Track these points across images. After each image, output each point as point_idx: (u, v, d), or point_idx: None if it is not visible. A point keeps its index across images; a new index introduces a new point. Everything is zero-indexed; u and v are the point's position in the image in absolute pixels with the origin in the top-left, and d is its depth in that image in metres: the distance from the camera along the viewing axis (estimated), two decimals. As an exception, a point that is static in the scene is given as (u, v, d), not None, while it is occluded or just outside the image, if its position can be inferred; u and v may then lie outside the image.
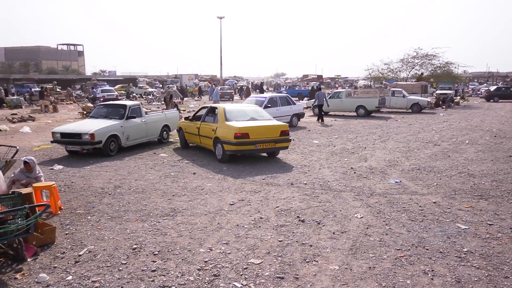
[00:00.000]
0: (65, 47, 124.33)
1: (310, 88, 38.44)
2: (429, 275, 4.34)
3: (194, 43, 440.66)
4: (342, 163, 10.05)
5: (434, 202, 6.81)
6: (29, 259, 4.72)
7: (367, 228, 5.69)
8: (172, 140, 13.93)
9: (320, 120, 19.36)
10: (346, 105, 22.87)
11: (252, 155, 10.72)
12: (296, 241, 5.25)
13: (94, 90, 37.58)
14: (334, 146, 12.49)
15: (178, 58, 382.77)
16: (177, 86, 47.94)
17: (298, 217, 6.15)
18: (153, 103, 33.99)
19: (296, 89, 42.56)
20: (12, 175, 7.10)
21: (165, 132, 13.52)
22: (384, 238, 5.33)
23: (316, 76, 75.23)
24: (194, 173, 9.04)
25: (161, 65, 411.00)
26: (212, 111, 11.25)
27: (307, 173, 9.04)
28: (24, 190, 5.73)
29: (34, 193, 6.23)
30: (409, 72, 39.86)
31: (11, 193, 4.97)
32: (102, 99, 29.38)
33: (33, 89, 39.03)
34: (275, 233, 5.52)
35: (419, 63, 39.16)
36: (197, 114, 12.11)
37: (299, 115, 18.13)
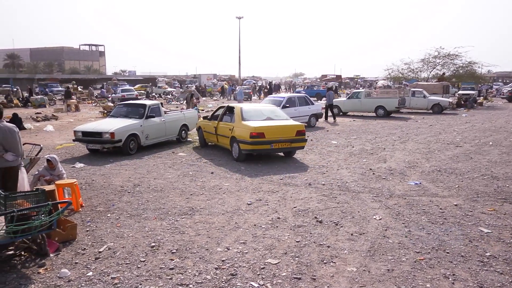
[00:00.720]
0: (87, 48, 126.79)
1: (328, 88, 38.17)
2: (450, 279, 4.25)
3: (213, 43, 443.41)
4: (360, 164, 9.95)
5: (456, 205, 6.67)
6: (51, 255, 4.83)
7: (386, 230, 5.61)
8: (190, 139, 14.04)
9: (326, 120, 19.51)
10: (365, 106, 22.63)
11: (268, 154, 10.73)
12: (314, 242, 5.22)
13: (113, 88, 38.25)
14: (353, 147, 12.38)
15: (197, 58, 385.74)
16: (196, 86, 48.34)
17: (315, 217, 6.12)
18: (172, 102, 34.34)
19: (315, 89, 42.33)
20: (37, 172, 7.30)
21: (183, 132, 13.64)
22: (403, 240, 5.25)
23: (335, 76, 74.74)
24: (212, 173, 9.09)
25: (180, 65, 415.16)
26: (229, 110, 11.36)
27: (325, 173, 8.99)
28: (47, 187, 5.87)
29: (56, 190, 6.39)
30: (430, 72, 39.11)
31: (35, 190, 5.09)
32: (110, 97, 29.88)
33: (55, 89, 39.92)
34: (292, 234, 5.51)
35: (440, 63, 38.35)
36: (215, 113, 12.22)
37: (317, 115, 18.03)
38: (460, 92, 33.50)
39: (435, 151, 11.57)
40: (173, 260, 4.71)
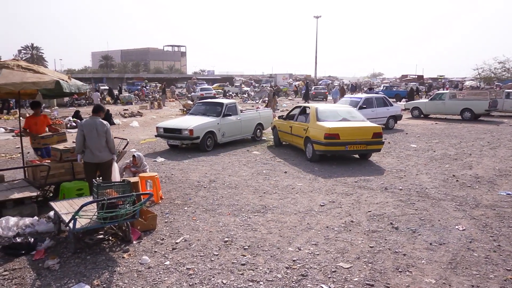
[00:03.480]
0: (170, 49, 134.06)
1: (409, 89, 36.33)
2: (545, 301, 3.83)
3: (289, 43, 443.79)
4: (442, 169, 9.33)
5: (554, 220, 5.98)
6: (134, 242, 5.19)
7: (470, 242, 5.21)
8: (265, 138, 14.22)
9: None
10: (450, 108, 21.10)
11: (343, 156, 10.50)
12: (389, 249, 5.01)
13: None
14: (434, 151, 11.65)
15: (273, 58, 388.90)
16: (271, 85, 48.77)
17: (391, 223, 5.86)
18: (248, 101, 35.03)
19: (394, 89, 40.50)
20: (124, 164, 7.93)
21: (258, 130, 13.86)
22: (491, 255, 4.83)
23: (416, 77, 70.74)
24: (285, 172, 9.12)
25: (256, 65, 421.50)
26: (305, 110, 11.33)
27: (403, 178, 8.57)
28: (132, 179, 6.31)
29: (140, 182, 6.85)
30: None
31: (122, 181, 5.50)
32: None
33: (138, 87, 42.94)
34: (366, 238, 5.34)
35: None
36: (291, 113, 12.23)
37: (396, 117, 17.24)
38: None
39: (531, 159, 10.47)
40: (245, 256, 4.81)
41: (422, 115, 21.78)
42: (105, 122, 6.16)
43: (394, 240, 5.27)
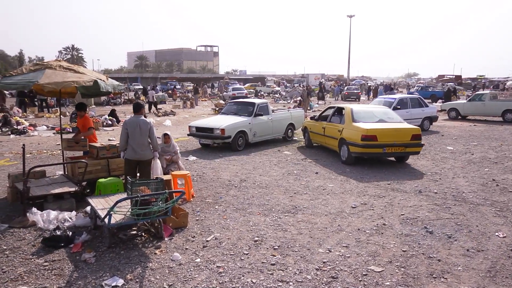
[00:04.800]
0: (202, 49, 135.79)
1: (446, 89, 35.18)
2: None
3: (321, 43, 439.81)
4: (481, 173, 8.98)
5: None
6: (166, 239, 5.29)
7: None
8: (296, 138, 14.16)
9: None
10: (490, 109, 20.25)
11: (379, 159, 10.26)
12: (422, 253, 4.87)
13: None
14: (472, 154, 11.23)
15: (306, 57, 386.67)
16: (302, 85, 48.47)
17: (425, 227, 5.70)
18: (280, 101, 34.98)
19: (429, 90, 39.33)
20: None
21: (289, 131, 13.81)
22: (532, 263, 4.61)
23: (453, 77, 68.38)
24: (316, 173, 9.05)
25: (288, 64, 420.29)
26: (339, 111, 11.11)
27: (438, 181, 8.31)
28: (165, 177, 6.44)
29: (172, 180, 6.98)
30: None
31: (155, 178, 5.62)
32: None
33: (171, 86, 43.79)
34: (398, 242, 5.22)
35: None
36: (323, 114, 12.05)
37: (432, 119, 16.74)
38: None
39: None
40: (275, 256, 4.81)
41: (459, 117, 21.06)
42: (148, 120, 6.37)
43: (428, 245, 5.12)
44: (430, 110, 16.79)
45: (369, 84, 52.53)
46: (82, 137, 7.45)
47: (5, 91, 22.89)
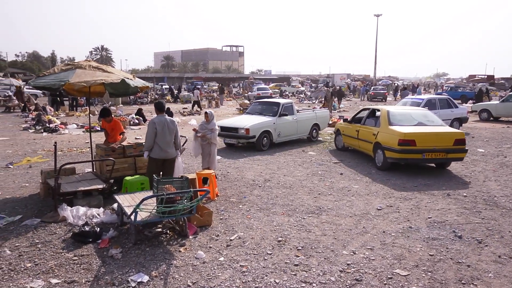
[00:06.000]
0: (228, 49, 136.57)
1: (477, 89, 34.14)
2: None
3: (348, 42, 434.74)
4: (514, 177, 8.68)
5: None
6: (190, 237, 5.35)
7: (545, 256, 4.79)
8: (321, 139, 14.05)
9: None
10: (525, 110, 19.52)
11: (416, 164, 9.60)
12: (451, 258, 4.75)
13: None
14: (505, 157, 10.85)
15: (331, 57, 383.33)
16: (328, 85, 48.07)
17: (454, 231, 5.55)
18: (305, 101, 34.80)
19: (459, 90, 38.27)
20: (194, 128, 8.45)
21: (314, 131, 13.72)
22: None
23: (485, 77, 66.25)
24: (341, 174, 8.96)
25: (314, 64, 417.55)
26: (373, 113, 10.59)
27: (468, 184, 8.08)
28: (190, 176, 6.52)
29: (197, 179, 7.05)
30: None
31: (181, 177, 5.70)
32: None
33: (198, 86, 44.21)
34: (425, 246, 5.10)
35: None
36: (357, 116, 11.56)
37: (462, 120, 16.26)
38: None
39: None
40: (299, 256, 4.79)
41: (491, 118, 20.39)
42: (174, 119, 6.47)
43: (457, 250, 4.99)
44: (459, 111, 16.31)
45: (396, 84, 51.54)
46: (118, 145, 7.34)
47: (39, 90, 23.72)
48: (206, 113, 8.38)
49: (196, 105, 25.75)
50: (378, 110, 10.29)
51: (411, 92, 36.13)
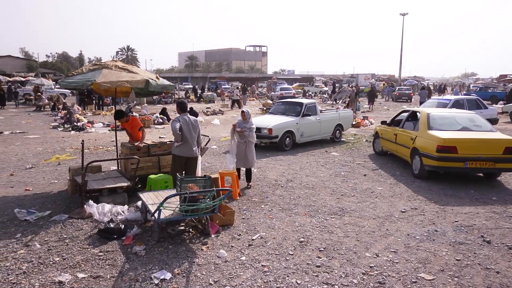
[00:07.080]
0: (251, 49, 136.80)
1: (508, 90, 33.04)
2: None
3: (372, 42, 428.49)
4: (546, 180, 8.36)
5: None
6: (212, 235, 5.39)
7: None
8: (344, 139, 13.91)
9: None
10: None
11: (461, 174, 8.68)
12: (478, 264, 4.62)
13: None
14: (537, 160, 10.46)
15: (355, 57, 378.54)
16: (351, 86, 47.52)
17: (482, 236, 5.39)
18: (328, 101, 34.52)
19: (490, 91, 37.14)
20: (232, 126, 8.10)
21: (337, 131, 13.59)
22: None
23: (517, 76, 64.03)
24: (364, 175, 8.84)
25: (337, 64, 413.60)
26: (413, 116, 9.98)
27: (497, 187, 7.84)
28: (213, 175, 6.57)
29: (219, 178, 7.10)
30: None
31: (203, 176, 5.75)
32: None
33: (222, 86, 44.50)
34: (451, 250, 4.97)
35: None
36: (396, 118, 10.97)
37: (491, 121, 15.72)
38: None
39: None
40: (320, 258, 4.75)
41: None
42: (197, 118, 6.54)
43: (485, 255, 4.84)
44: (489, 112, 15.84)
45: (422, 84, 50.44)
46: (142, 145, 7.43)
47: (67, 90, 24.34)
48: (243, 112, 8.06)
49: (235, 103, 28.07)
50: (418, 112, 9.63)
51: (438, 92, 35.27)
